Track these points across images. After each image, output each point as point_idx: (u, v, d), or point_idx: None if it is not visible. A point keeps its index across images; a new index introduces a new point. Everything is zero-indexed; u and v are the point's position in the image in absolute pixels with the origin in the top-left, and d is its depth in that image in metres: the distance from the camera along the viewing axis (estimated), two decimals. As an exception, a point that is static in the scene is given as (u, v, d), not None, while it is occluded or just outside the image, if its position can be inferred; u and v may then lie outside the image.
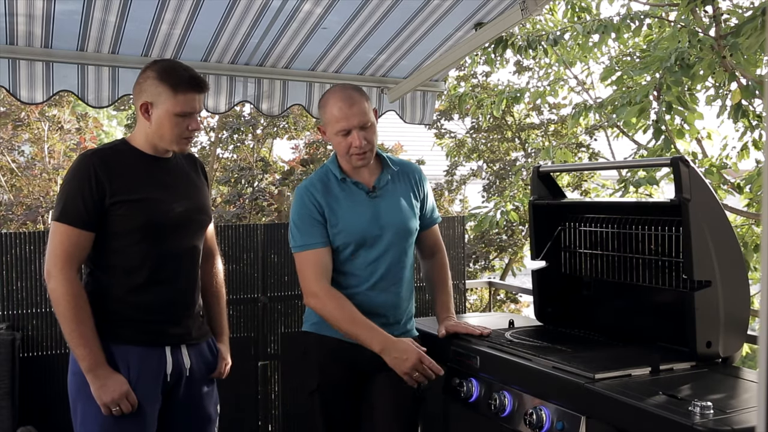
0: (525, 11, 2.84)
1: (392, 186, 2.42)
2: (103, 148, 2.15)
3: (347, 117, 2.25)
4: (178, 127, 2.09)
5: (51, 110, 8.41)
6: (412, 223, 2.42)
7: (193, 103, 2.09)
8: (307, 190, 2.35)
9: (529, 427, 2.05)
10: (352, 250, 2.32)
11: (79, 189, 2.03)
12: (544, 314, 2.72)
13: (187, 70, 2.10)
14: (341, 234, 2.31)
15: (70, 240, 2.02)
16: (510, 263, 8.68)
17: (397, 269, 2.38)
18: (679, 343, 2.16)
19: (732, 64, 4.55)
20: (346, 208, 2.33)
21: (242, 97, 3.32)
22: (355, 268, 2.33)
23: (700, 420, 1.61)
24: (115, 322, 2.07)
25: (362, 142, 2.26)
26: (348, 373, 2.37)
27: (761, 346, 0.78)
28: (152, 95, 2.07)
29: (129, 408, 2.02)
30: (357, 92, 2.31)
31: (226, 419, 3.25)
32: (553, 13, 6.52)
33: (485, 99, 6.92)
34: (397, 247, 2.38)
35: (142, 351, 2.09)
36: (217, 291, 2.40)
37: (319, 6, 2.81)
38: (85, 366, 2.00)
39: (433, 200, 2.57)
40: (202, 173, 2.34)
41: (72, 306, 1.99)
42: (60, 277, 1.99)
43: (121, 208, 2.05)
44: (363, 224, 2.32)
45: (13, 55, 2.85)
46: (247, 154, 8.79)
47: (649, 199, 4.65)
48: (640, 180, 4.82)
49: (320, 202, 2.31)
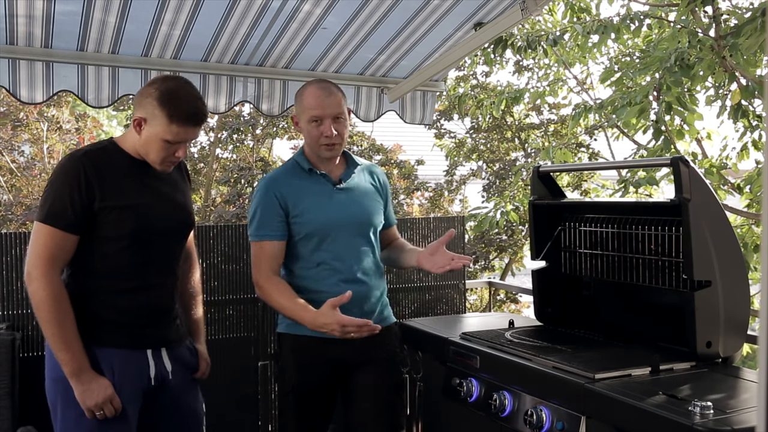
0: (525, 11, 2.84)
1: (357, 181, 2.49)
2: (93, 149, 2.09)
3: (323, 106, 2.34)
4: (165, 152, 2.06)
5: (50, 110, 8.40)
6: (376, 217, 2.49)
7: (186, 135, 2.06)
8: (272, 181, 2.42)
9: (529, 427, 2.05)
10: (317, 240, 2.37)
11: (68, 191, 1.98)
12: (544, 314, 2.72)
13: (189, 101, 2.05)
14: (306, 224, 2.36)
15: (54, 242, 1.97)
16: (510, 263, 8.68)
17: (364, 260, 2.43)
18: (679, 343, 2.17)
19: (732, 64, 4.55)
20: (312, 198, 2.39)
21: (242, 97, 3.32)
22: (323, 257, 2.37)
23: (700, 420, 1.61)
24: (99, 325, 2.04)
25: (333, 132, 2.33)
26: (327, 369, 2.40)
27: (761, 346, 0.78)
28: (148, 114, 2.03)
29: (113, 412, 1.99)
30: (334, 86, 2.41)
31: (226, 419, 3.26)
32: (552, 14, 6.52)
33: (485, 99, 6.92)
34: (363, 238, 2.44)
35: (125, 354, 2.07)
36: (195, 292, 2.39)
37: (319, 6, 2.81)
38: (69, 370, 1.96)
39: (391, 204, 2.66)
40: (186, 175, 2.33)
41: (54, 310, 1.95)
42: (42, 280, 1.95)
43: (111, 214, 2.01)
44: (328, 215, 2.38)
45: (13, 55, 2.84)
46: (247, 154, 8.78)
47: (649, 199, 4.65)
48: (640, 180, 4.82)
49: (283, 194, 2.37)
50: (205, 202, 8.74)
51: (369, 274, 2.44)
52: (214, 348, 3.26)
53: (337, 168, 2.48)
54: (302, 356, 2.40)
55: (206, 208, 8.61)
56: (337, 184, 2.44)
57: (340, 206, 2.41)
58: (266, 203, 2.38)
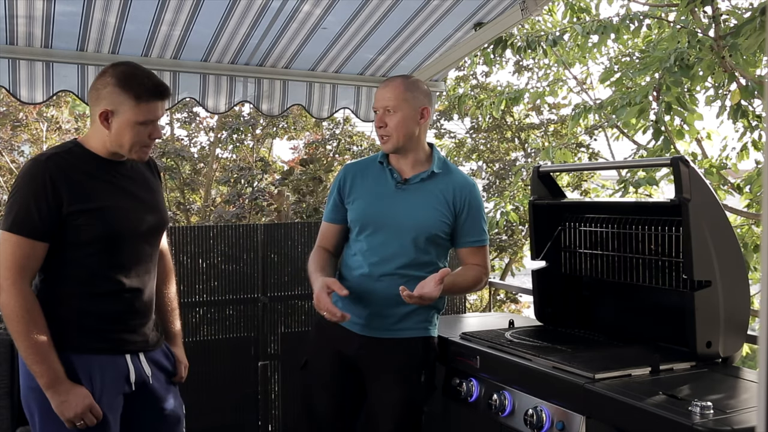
0: (525, 11, 2.84)
1: (426, 185, 2.39)
2: (57, 153, 2.00)
3: (376, 98, 2.42)
4: (139, 136, 1.99)
5: (49, 110, 8.41)
6: (430, 225, 2.35)
7: (156, 111, 2.00)
8: (345, 168, 2.52)
9: (529, 427, 2.05)
10: (358, 230, 2.40)
11: (33, 197, 1.89)
12: (544, 314, 2.71)
13: (149, 76, 2.00)
14: (352, 211, 2.42)
15: (23, 251, 1.88)
16: (510, 263, 8.69)
17: (396, 262, 2.33)
18: (679, 343, 2.17)
19: (731, 64, 4.55)
20: (369, 190, 2.42)
21: (242, 97, 3.32)
22: (360, 248, 2.39)
23: (700, 420, 1.61)
24: (74, 332, 1.97)
25: (379, 122, 2.37)
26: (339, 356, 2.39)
27: (761, 346, 0.78)
28: (113, 103, 1.95)
29: (93, 421, 1.94)
30: (400, 80, 2.40)
31: (226, 419, 3.26)
32: (552, 14, 6.52)
33: (485, 99, 6.93)
34: (402, 241, 2.34)
35: (104, 360, 2.01)
36: (171, 307, 2.33)
37: (319, 6, 2.81)
38: (44, 383, 1.89)
39: (481, 223, 2.43)
40: (156, 174, 2.26)
41: (26, 321, 1.87)
42: (12, 290, 1.86)
43: (80, 217, 1.93)
44: (374, 209, 2.38)
45: (13, 55, 2.84)
46: (247, 154, 8.79)
47: (649, 199, 4.65)
48: (639, 180, 4.82)
49: (347, 180, 2.45)
50: (205, 202, 8.75)
51: (395, 278, 2.31)
52: (214, 348, 3.28)
53: (412, 168, 2.41)
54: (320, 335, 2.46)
55: (206, 208, 8.61)
56: (401, 182, 2.40)
57: (390, 205, 2.38)
58: (333, 187, 2.50)
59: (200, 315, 3.27)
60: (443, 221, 2.37)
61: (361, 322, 2.35)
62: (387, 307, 2.34)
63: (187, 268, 3.22)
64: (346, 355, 2.38)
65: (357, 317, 2.33)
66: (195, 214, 8.64)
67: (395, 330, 2.36)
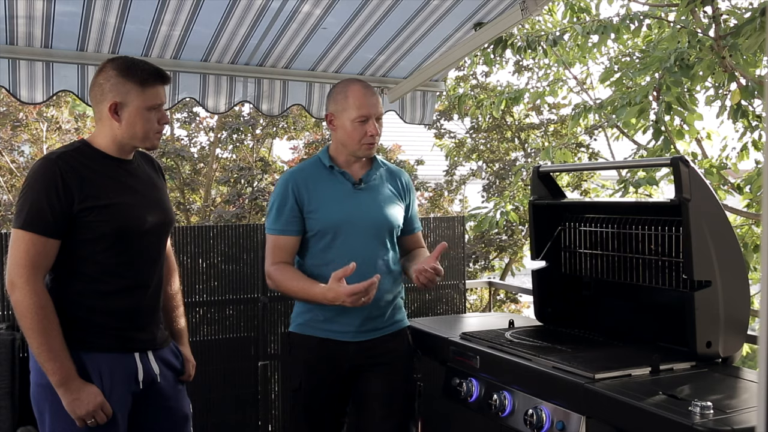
0: (525, 11, 2.84)
1: (379, 182, 2.47)
2: (66, 151, 2.04)
3: (369, 105, 2.35)
4: (150, 122, 2.05)
5: (49, 110, 8.40)
6: (393, 219, 2.45)
7: (161, 96, 2.07)
8: (291, 176, 2.43)
9: (529, 427, 2.05)
10: (330, 238, 2.36)
11: (45, 195, 1.93)
12: (544, 314, 2.72)
13: (148, 63, 2.07)
14: (320, 220, 2.36)
15: (36, 248, 1.91)
16: (510, 263, 8.68)
17: (377, 261, 2.39)
18: (679, 343, 2.17)
19: (731, 64, 4.55)
20: (329, 195, 2.38)
21: (242, 97, 3.32)
22: (335, 256, 2.35)
23: (700, 420, 1.61)
24: (84, 330, 2.00)
25: (376, 131, 2.37)
26: (334, 371, 2.39)
27: (761, 346, 0.78)
28: (119, 94, 2.01)
29: (104, 419, 1.95)
30: (368, 84, 2.44)
31: (226, 419, 3.26)
32: (552, 14, 6.52)
33: (485, 99, 6.92)
34: (377, 239, 2.41)
35: (114, 358, 2.03)
36: (176, 304, 2.36)
37: (319, 6, 2.81)
38: (56, 380, 1.91)
39: (416, 209, 2.62)
40: (160, 174, 2.30)
41: (40, 319, 1.89)
42: (26, 288, 1.89)
43: (90, 215, 1.97)
44: (342, 213, 2.36)
45: (13, 55, 2.84)
46: (247, 154, 8.78)
47: (649, 199, 4.65)
48: (639, 180, 4.82)
49: (300, 189, 2.37)
50: (205, 202, 8.74)
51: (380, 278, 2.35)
52: (214, 348, 3.28)
53: (360, 168, 2.46)
54: (312, 355, 2.39)
55: (206, 208, 8.60)
56: (356, 183, 2.43)
57: (356, 206, 2.39)
58: (283, 198, 2.39)
59: (200, 315, 3.28)
60: (402, 212, 2.50)
61: (352, 330, 2.37)
62: (376, 308, 2.38)
63: (187, 268, 3.22)
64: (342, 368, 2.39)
65: (347, 326, 2.36)
66: (195, 214, 8.64)
67: (386, 327, 2.44)
